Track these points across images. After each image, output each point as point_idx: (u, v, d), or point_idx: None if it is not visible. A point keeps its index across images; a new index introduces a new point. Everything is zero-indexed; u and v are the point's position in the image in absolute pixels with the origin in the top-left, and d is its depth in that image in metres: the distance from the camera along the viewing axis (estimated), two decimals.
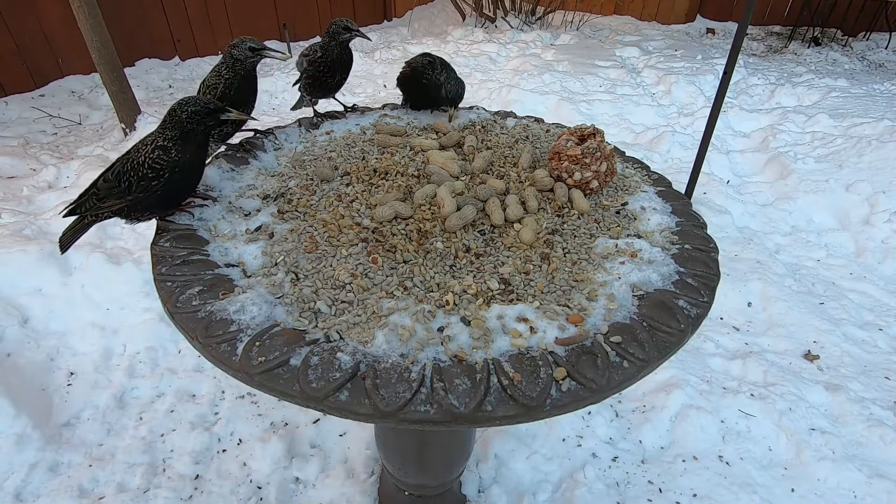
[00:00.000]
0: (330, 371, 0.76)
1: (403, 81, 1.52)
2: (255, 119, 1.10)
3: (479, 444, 1.89)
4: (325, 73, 1.47)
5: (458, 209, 1.11)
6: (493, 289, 0.94)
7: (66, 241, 1.14)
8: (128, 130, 3.64)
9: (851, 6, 6.05)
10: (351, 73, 1.57)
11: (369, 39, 1.57)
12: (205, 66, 5.37)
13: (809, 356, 2.32)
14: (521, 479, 1.82)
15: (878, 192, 3.16)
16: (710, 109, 2.80)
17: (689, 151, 3.68)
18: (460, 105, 1.63)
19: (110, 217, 1.08)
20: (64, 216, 1.10)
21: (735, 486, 1.80)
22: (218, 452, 1.88)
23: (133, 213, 1.06)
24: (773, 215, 3.25)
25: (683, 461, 1.89)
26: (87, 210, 1.08)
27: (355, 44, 6.07)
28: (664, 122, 4.17)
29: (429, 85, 1.46)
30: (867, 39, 6.10)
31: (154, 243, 1.01)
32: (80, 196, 1.09)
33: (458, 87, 1.49)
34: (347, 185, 1.23)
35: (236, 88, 1.29)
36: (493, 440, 1.89)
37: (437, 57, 1.49)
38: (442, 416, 0.73)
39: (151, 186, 1.01)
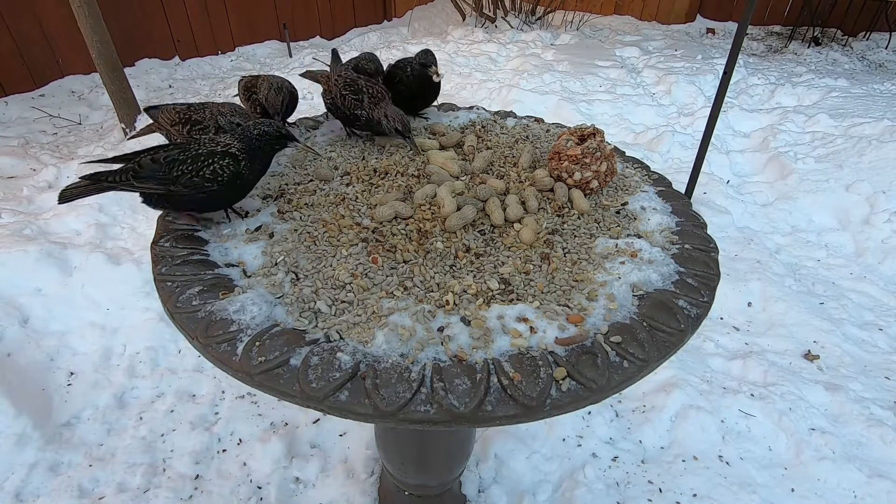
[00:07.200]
0: (330, 371, 0.76)
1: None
2: (319, 154, 1.08)
3: (479, 444, 1.89)
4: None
5: (458, 209, 1.11)
6: (493, 289, 0.94)
7: (71, 196, 1.03)
8: (128, 130, 3.64)
9: (851, 6, 6.05)
10: None
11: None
12: (205, 66, 5.37)
13: (809, 356, 2.32)
14: (521, 479, 1.82)
15: (878, 192, 3.16)
16: (710, 109, 2.80)
17: (689, 151, 3.68)
18: (460, 106, 1.64)
19: (130, 191, 1.01)
20: (87, 177, 1.02)
21: (735, 486, 1.80)
22: (218, 452, 1.88)
23: (157, 201, 1.02)
24: (773, 215, 3.25)
25: (683, 461, 1.89)
26: (118, 182, 1.01)
27: (354, 43, 6.08)
28: (664, 122, 4.16)
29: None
30: (867, 39, 6.10)
31: (154, 243, 1.01)
32: (112, 160, 1.03)
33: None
34: (347, 185, 1.23)
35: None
36: (493, 440, 1.89)
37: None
38: (442, 416, 0.73)
39: (204, 187, 0.99)
